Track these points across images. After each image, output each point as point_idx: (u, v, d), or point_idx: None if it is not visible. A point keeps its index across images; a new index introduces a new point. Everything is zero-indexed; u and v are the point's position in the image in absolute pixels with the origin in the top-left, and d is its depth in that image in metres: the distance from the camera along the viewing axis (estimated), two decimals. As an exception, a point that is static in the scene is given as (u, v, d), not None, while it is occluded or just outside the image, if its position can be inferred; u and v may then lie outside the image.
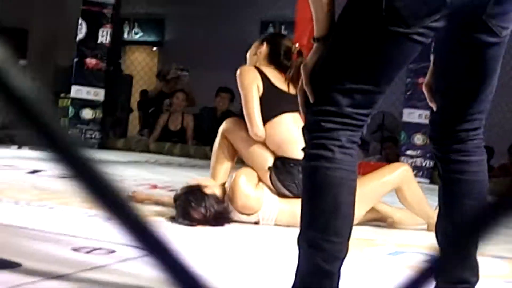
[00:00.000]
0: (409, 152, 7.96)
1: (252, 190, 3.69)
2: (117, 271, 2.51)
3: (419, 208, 4.06)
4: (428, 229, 4.13)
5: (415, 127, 7.91)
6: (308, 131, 1.78)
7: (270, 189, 3.77)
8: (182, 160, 8.07)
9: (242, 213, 3.68)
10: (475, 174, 1.94)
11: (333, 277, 1.73)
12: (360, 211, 3.77)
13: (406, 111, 7.98)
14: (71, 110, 8.74)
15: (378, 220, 4.16)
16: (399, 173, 3.97)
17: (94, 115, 8.78)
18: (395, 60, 1.74)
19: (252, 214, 3.70)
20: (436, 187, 7.30)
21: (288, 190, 3.75)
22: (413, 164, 7.91)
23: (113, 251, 2.82)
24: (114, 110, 9.76)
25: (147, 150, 8.72)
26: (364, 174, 4.12)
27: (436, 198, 6.25)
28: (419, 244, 3.65)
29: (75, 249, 2.77)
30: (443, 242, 1.97)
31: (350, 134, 1.74)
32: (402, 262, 3.15)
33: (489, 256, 3.44)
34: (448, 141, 1.96)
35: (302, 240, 1.76)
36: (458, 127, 1.94)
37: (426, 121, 7.69)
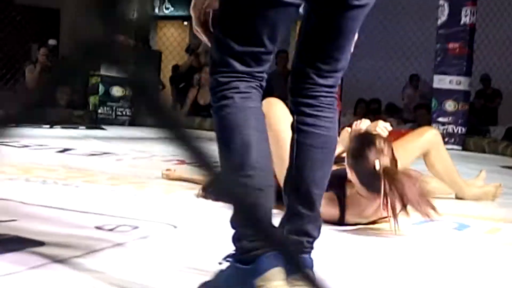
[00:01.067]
0: (440, 119, 7.87)
1: None
2: (139, 247, 2.52)
3: (447, 176, 4.01)
4: (456, 197, 4.10)
5: (446, 94, 7.81)
6: (210, 90, 1.88)
7: None
8: (213, 134, 8.07)
9: None
10: (327, 130, 1.99)
11: (256, 208, 1.75)
12: None
13: (436, 77, 7.88)
14: (101, 88, 8.78)
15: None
16: (427, 137, 3.92)
17: (124, 92, 8.81)
18: (273, 22, 1.83)
19: None
20: (469, 154, 7.28)
21: None
22: (444, 131, 7.82)
23: (136, 227, 2.84)
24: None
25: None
26: (394, 141, 4.08)
27: (469, 166, 6.20)
28: (446, 212, 3.62)
29: (98, 227, 2.79)
30: (290, 194, 2.03)
31: (248, 83, 1.83)
32: (426, 231, 3.13)
33: (509, 223, 3.41)
34: (302, 95, 2.00)
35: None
36: (312, 82, 1.99)
37: (457, 87, 7.71)
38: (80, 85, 9.06)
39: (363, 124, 3.36)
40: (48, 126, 7.88)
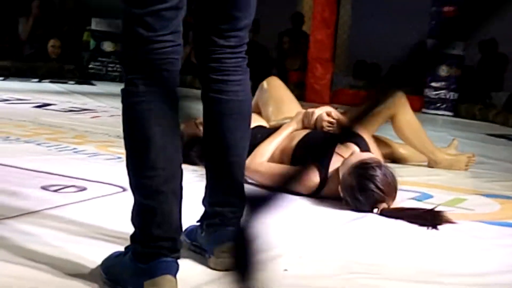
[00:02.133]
0: (433, 84, 7.75)
1: None
2: (79, 210, 2.48)
3: (417, 142, 3.93)
4: (429, 165, 4.02)
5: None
6: (122, 68, 1.75)
7: None
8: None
9: None
10: (235, 94, 1.91)
11: (155, 211, 1.67)
12: None
13: (430, 41, 7.71)
14: (92, 43, 8.68)
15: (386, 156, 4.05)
16: (392, 100, 3.83)
17: (115, 48, 8.71)
18: None
19: None
20: (459, 120, 7.18)
21: None
22: (437, 96, 7.72)
23: (84, 189, 2.79)
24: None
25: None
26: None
27: (460, 133, 6.12)
28: (411, 181, 3.56)
29: (44, 187, 2.74)
30: (207, 164, 1.97)
31: (155, 63, 1.68)
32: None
33: (479, 195, 3.35)
34: (205, 59, 1.92)
35: (130, 183, 1.72)
36: (213, 44, 1.90)
37: (452, 52, 7.55)
38: (73, 39, 8.97)
39: (314, 116, 3.28)
40: (37, 80, 7.82)
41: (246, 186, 2.04)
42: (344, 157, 3.04)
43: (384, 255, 2.21)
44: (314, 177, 2.93)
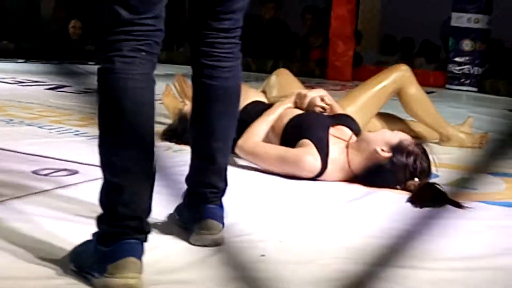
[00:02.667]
0: (457, 59, 7.59)
1: None
2: (65, 194, 2.45)
3: (426, 116, 3.84)
4: (440, 142, 3.92)
5: (464, 32, 7.50)
6: (100, 46, 1.73)
7: None
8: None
9: None
10: (225, 80, 1.91)
11: (122, 190, 1.64)
12: (363, 118, 3.59)
13: (454, 15, 7.56)
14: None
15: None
16: (396, 75, 3.74)
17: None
18: None
19: None
20: (485, 96, 7.12)
21: None
22: (461, 71, 7.56)
23: (75, 173, 2.76)
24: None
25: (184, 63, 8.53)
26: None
27: (482, 109, 6.04)
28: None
29: (34, 172, 2.72)
30: (193, 147, 2.00)
31: (134, 43, 1.65)
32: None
33: (487, 173, 3.24)
34: (197, 43, 1.91)
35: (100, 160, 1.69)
36: (206, 27, 1.90)
37: (476, 26, 7.41)
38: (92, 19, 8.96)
39: (307, 99, 3.20)
40: (57, 62, 7.84)
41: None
42: (344, 139, 2.96)
43: (368, 239, 2.14)
44: (315, 160, 2.85)
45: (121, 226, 1.64)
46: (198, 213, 1.98)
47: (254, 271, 1.80)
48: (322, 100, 3.23)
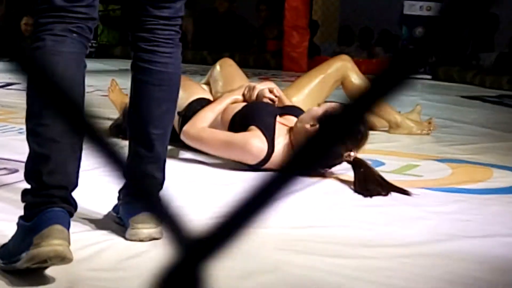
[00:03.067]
0: (411, 47, 7.62)
1: None
2: (11, 192, 2.40)
3: None
4: (390, 130, 3.93)
5: (417, 20, 7.54)
6: (34, 26, 1.76)
7: None
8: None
9: None
10: (165, 66, 1.93)
11: (48, 159, 1.64)
12: (308, 107, 3.58)
13: (406, 3, 7.61)
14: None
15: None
16: (336, 65, 3.76)
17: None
18: None
19: None
20: (439, 83, 7.20)
21: None
22: (415, 60, 7.60)
23: (15, 171, 2.70)
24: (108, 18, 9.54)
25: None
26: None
27: (434, 97, 6.11)
28: (368, 148, 3.47)
29: (-28, 171, 2.65)
30: (131, 134, 2.00)
31: (66, 25, 1.69)
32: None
33: (433, 160, 3.26)
34: (137, 29, 1.94)
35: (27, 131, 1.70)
36: (146, 14, 1.92)
37: (428, 13, 7.44)
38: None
39: (255, 91, 3.18)
40: (7, 59, 7.71)
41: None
42: (288, 125, 2.95)
43: (309, 229, 2.12)
44: (261, 143, 2.82)
45: (46, 195, 1.63)
46: (133, 207, 1.95)
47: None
48: (271, 92, 3.21)
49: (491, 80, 6.94)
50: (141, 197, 1.81)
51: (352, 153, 2.71)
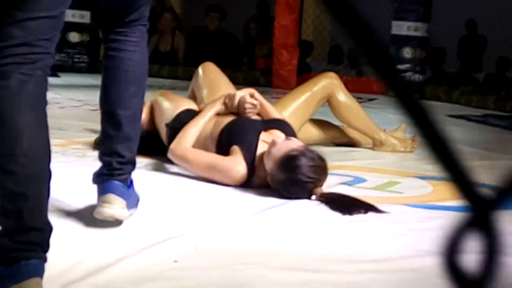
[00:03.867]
0: (398, 66, 7.68)
1: None
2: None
3: (357, 122, 3.88)
4: (374, 147, 3.97)
5: (404, 40, 7.61)
6: None
7: None
8: (168, 82, 7.89)
9: None
10: (131, 53, 2.12)
11: (27, 197, 1.62)
12: (294, 124, 3.61)
13: (394, 23, 7.67)
14: (56, 34, 8.56)
15: (338, 141, 4.01)
16: (323, 83, 3.78)
17: (81, 39, 8.61)
18: None
19: None
20: (426, 102, 7.27)
21: None
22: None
23: None
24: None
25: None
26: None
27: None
28: (348, 164, 3.51)
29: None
30: (102, 116, 2.16)
31: (30, 64, 1.67)
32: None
33: (415, 177, 3.29)
34: (108, 29, 2.14)
35: None
36: (117, 19, 2.13)
37: (415, 34, 7.52)
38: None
39: (236, 98, 3.20)
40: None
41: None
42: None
43: (286, 244, 2.15)
44: (240, 167, 2.85)
45: (26, 243, 1.61)
46: (102, 188, 2.12)
47: (167, 277, 1.80)
48: (252, 96, 3.23)
49: (477, 99, 7.00)
50: (110, 179, 1.88)
51: (319, 189, 2.70)
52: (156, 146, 3.34)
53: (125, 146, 2.12)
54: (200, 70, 3.68)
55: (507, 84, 7.63)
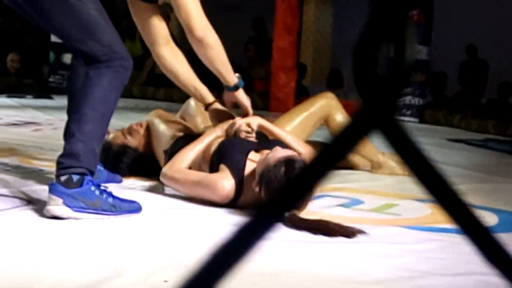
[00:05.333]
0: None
1: None
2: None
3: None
4: (372, 170, 3.89)
5: (404, 64, 7.54)
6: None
7: None
8: (163, 104, 7.82)
9: None
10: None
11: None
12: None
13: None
14: (51, 56, 8.51)
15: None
16: (320, 103, 3.71)
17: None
18: None
19: None
20: (426, 126, 7.17)
21: None
22: (402, 102, 7.59)
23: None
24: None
25: (130, 95, 8.40)
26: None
27: (420, 139, 6.17)
28: (348, 187, 3.43)
29: None
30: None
31: None
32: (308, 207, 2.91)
33: (413, 199, 3.21)
34: None
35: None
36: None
37: (415, 57, 7.43)
38: (31, 53, 8.82)
39: (235, 126, 3.13)
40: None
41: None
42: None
43: (281, 264, 2.07)
44: (226, 182, 2.77)
45: None
46: (50, 185, 2.48)
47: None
48: (248, 125, 3.16)
49: (478, 124, 6.93)
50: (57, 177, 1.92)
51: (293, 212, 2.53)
52: (152, 169, 3.26)
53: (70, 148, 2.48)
54: (191, 101, 3.61)
55: (509, 110, 7.56)
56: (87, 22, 2.54)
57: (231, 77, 3.19)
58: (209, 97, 3.31)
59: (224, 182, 2.77)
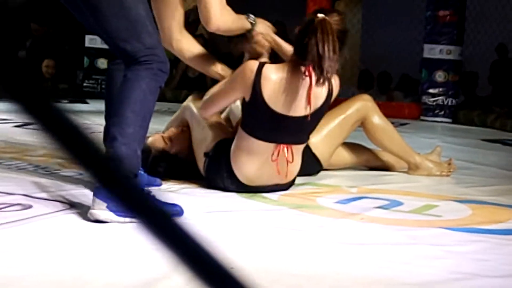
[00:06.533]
0: (430, 90, 7.58)
1: None
2: (31, 227, 2.39)
3: (392, 145, 3.78)
4: (409, 171, 3.87)
5: (436, 64, 7.50)
6: None
7: None
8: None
9: None
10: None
11: None
12: (328, 148, 3.56)
13: (426, 46, 7.58)
14: (86, 61, 8.59)
15: (372, 164, 3.91)
16: (357, 106, 3.71)
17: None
18: None
19: None
20: (460, 127, 7.06)
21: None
22: (435, 103, 7.55)
23: (29, 207, 2.68)
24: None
25: (163, 99, 8.41)
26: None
27: (454, 140, 6.05)
28: (386, 188, 3.42)
29: (-14, 206, 2.63)
30: None
31: None
32: (347, 209, 2.92)
33: (453, 200, 3.20)
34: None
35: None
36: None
37: (448, 57, 7.40)
38: (66, 58, 8.91)
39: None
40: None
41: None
42: None
43: (321, 266, 2.07)
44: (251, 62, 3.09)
45: None
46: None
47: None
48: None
49: (512, 123, 6.87)
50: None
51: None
52: (191, 172, 3.28)
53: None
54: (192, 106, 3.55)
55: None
56: (135, 22, 2.57)
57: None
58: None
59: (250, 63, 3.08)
